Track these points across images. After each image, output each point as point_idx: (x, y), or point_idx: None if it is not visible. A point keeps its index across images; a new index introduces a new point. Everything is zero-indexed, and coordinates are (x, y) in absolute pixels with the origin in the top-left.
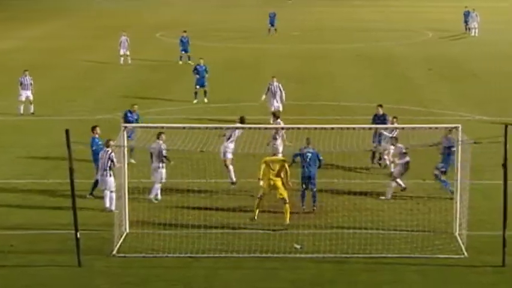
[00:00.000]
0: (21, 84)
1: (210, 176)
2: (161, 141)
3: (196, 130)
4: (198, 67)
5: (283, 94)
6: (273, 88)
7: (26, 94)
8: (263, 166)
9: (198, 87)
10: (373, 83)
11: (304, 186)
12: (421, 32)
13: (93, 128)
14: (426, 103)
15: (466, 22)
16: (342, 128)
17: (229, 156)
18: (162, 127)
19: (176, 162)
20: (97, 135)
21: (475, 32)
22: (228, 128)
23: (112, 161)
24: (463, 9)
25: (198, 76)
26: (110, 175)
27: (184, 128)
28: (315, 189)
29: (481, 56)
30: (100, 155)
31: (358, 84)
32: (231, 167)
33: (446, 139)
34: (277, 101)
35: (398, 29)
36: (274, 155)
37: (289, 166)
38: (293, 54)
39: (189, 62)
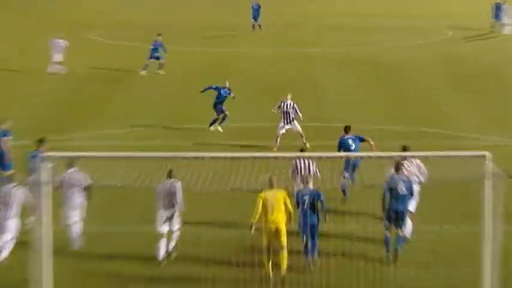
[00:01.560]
0: None
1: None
2: (77, 169)
3: (138, 160)
4: (222, 91)
5: (300, 116)
6: (285, 107)
7: None
8: (260, 205)
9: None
10: (374, 98)
11: (305, 237)
12: (438, 30)
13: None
14: (444, 123)
15: (496, 17)
16: (333, 158)
17: None
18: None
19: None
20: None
21: (508, 30)
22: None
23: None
24: (493, 0)
25: (217, 100)
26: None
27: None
28: (315, 241)
29: None
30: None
31: (354, 99)
32: None
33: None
34: (287, 123)
35: (406, 26)
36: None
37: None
38: (271, 59)
39: (160, 71)
